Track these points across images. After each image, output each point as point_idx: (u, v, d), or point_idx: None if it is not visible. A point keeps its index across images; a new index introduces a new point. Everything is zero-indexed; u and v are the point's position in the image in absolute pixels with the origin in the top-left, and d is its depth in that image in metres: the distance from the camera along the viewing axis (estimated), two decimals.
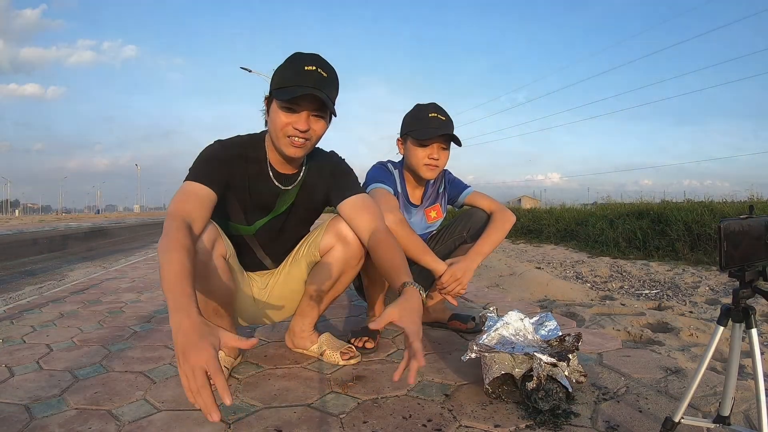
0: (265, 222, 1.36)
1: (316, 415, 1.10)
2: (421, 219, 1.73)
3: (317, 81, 1.16)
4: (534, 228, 8.85)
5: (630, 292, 3.39)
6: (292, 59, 1.19)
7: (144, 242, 8.55)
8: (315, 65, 1.16)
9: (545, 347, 1.25)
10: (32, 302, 2.58)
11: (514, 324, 1.31)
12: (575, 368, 1.19)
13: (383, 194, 1.52)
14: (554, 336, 1.28)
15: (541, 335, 1.31)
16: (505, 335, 1.28)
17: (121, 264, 4.66)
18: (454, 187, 1.78)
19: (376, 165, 1.67)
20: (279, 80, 1.17)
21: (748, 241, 0.73)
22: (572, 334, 1.24)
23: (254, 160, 1.29)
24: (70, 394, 1.24)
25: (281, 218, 1.37)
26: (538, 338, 1.29)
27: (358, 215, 1.30)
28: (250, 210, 1.32)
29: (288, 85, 1.15)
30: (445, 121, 1.55)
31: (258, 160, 1.30)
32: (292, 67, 1.17)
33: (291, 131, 1.18)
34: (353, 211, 1.31)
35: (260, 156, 1.30)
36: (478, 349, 1.19)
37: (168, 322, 0.82)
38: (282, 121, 1.17)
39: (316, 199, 1.39)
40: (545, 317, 1.38)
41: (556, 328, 1.33)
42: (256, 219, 1.34)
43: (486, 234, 1.59)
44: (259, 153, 1.30)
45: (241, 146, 1.28)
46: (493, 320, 1.32)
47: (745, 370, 1.57)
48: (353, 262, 1.37)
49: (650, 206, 6.91)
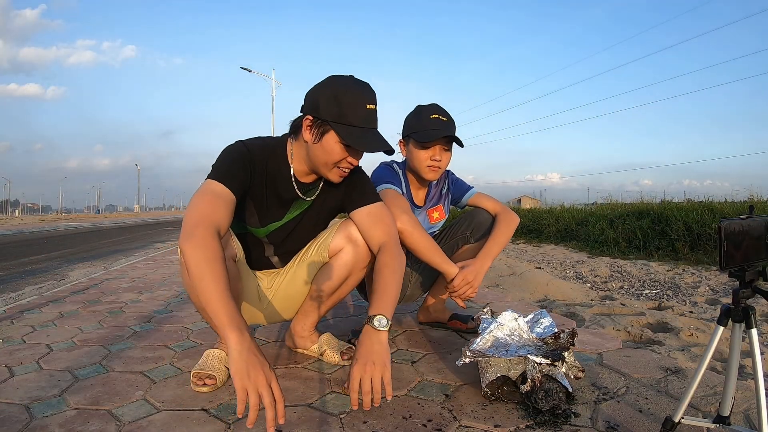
0: (277, 226, 1.35)
1: (316, 415, 1.10)
2: (424, 220, 1.73)
3: (376, 120, 1.21)
4: (534, 228, 8.85)
5: (630, 292, 3.40)
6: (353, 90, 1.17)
7: (144, 242, 8.55)
8: (374, 103, 1.19)
9: (540, 345, 1.25)
10: (32, 302, 2.58)
11: (509, 324, 1.31)
12: (572, 364, 1.19)
13: (394, 195, 1.52)
14: (549, 333, 1.28)
15: (537, 333, 1.31)
16: (500, 336, 1.27)
17: (121, 264, 4.67)
18: (458, 187, 1.78)
19: (382, 165, 1.67)
20: (339, 113, 1.16)
21: (748, 241, 0.73)
22: (566, 331, 1.25)
23: (276, 167, 1.28)
24: (70, 394, 1.24)
25: (294, 222, 1.37)
26: (533, 337, 1.29)
27: (373, 226, 1.31)
28: (264, 213, 1.32)
29: (351, 124, 1.16)
30: (447, 122, 1.55)
31: (280, 168, 1.29)
32: (355, 101, 1.16)
33: (344, 164, 1.22)
34: (368, 221, 1.32)
35: (282, 165, 1.29)
36: (471, 355, 1.18)
37: (168, 322, 0.83)
38: (339, 155, 1.19)
39: (331, 205, 1.40)
40: (540, 314, 1.37)
41: (551, 325, 1.32)
42: (269, 222, 1.34)
43: (493, 236, 1.59)
44: (282, 161, 1.29)
45: (265, 152, 1.27)
46: (488, 322, 1.32)
47: (745, 370, 1.58)
48: (361, 265, 1.37)
49: (650, 206, 6.91)
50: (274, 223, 1.34)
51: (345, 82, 1.19)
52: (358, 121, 1.16)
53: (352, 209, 1.34)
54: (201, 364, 1.31)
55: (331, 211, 1.42)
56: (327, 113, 1.16)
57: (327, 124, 1.17)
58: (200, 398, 1.20)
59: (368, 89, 1.20)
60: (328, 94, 1.17)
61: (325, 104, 1.16)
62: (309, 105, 1.20)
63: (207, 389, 1.24)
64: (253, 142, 1.27)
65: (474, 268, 1.49)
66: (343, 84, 1.18)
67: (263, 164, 1.26)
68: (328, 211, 1.41)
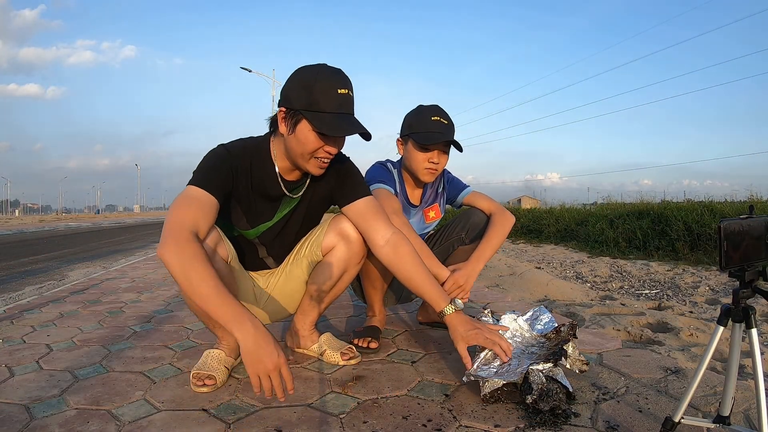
0: (267, 227, 1.35)
1: (316, 415, 1.10)
2: (420, 219, 1.72)
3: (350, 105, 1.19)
4: (534, 228, 8.85)
5: (630, 292, 3.40)
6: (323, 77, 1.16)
7: (144, 242, 8.55)
8: (346, 88, 1.18)
9: (543, 342, 1.25)
10: (32, 302, 2.58)
11: (510, 326, 1.31)
12: (576, 358, 1.19)
13: (386, 195, 1.50)
14: (550, 329, 1.29)
15: (538, 330, 1.31)
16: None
17: (121, 264, 4.67)
18: (453, 186, 1.77)
19: (376, 164, 1.66)
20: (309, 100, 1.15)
21: (748, 241, 0.73)
22: (566, 324, 1.25)
23: (260, 168, 1.27)
24: (70, 394, 1.24)
25: (283, 221, 1.37)
26: (535, 334, 1.29)
27: (372, 221, 1.31)
28: (252, 215, 1.31)
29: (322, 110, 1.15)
30: (447, 125, 1.54)
31: (264, 168, 1.28)
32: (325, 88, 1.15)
33: (322, 153, 1.20)
34: (366, 215, 1.31)
35: (267, 163, 1.28)
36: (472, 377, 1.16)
37: (168, 322, 0.84)
38: (314, 144, 1.18)
39: (320, 200, 1.39)
40: (538, 311, 1.37)
41: (551, 321, 1.33)
42: (258, 223, 1.34)
43: (486, 238, 1.57)
44: (265, 160, 1.28)
45: (247, 153, 1.26)
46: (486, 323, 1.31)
47: (745, 370, 1.58)
48: (355, 260, 1.37)
49: (650, 206, 6.90)
50: (264, 224, 1.34)
51: (315, 69, 1.18)
52: (330, 107, 1.15)
53: (345, 203, 1.34)
54: (201, 364, 1.31)
55: (321, 206, 1.41)
56: (298, 102, 1.16)
57: (299, 114, 1.16)
58: (200, 398, 1.20)
59: (340, 75, 1.18)
60: (298, 84, 1.17)
61: (296, 94, 1.16)
62: (282, 97, 1.20)
63: (207, 389, 1.24)
64: (233, 144, 1.27)
65: (465, 272, 1.48)
66: (313, 72, 1.17)
67: (246, 165, 1.25)
68: (317, 206, 1.40)
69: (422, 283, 1.27)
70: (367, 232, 1.31)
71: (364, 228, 1.32)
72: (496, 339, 1.20)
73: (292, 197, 1.34)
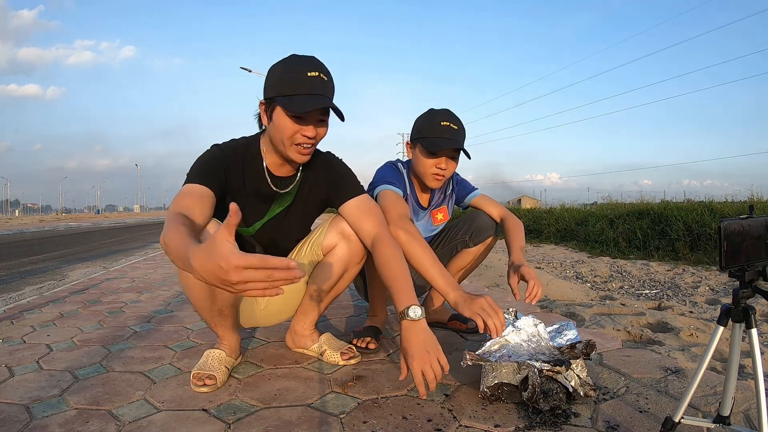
0: (262, 224, 1.36)
1: (316, 415, 1.10)
2: (428, 221, 1.71)
3: (322, 87, 1.17)
4: (534, 228, 8.85)
5: (630, 292, 3.40)
6: (292, 63, 1.19)
7: (144, 242, 8.55)
8: (317, 71, 1.18)
9: (556, 354, 1.19)
10: (32, 302, 2.58)
11: (527, 330, 1.25)
12: (584, 381, 1.14)
13: (393, 199, 1.45)
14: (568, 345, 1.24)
15: (557, 344, 1.25)
16: (513, 341, 1.22)
17: (121, 264, 4.67)
18: (462, 187, 1.77)
19: (387, 164, 1.64)
20: (281, 87, 1.17)
21: (748, 241, 0.73)
22: (584, 342, 1.21)
23: (251, 164, 1.30)
24: (70, 394, 1.24)
25: (279, 219, 1.37)
26: (551, 345, 1.23)
27: (362, 219, 1.31)
28: (247, 212, 1.32)
29: (293, 93, 1.15)
30: (457, 131, 1.51)
31: (254, 164, 1.30)
32: (294, 73, 1.17)
33: (300, 138, 1.20)
34: (356, 214, 1.32)
35: (256, 160, 1.31)
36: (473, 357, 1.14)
37: (168, 322, 0.83)
38: (290, 129, 1.18)
39: (315, 200, 1.40)
40: (566, 326, 1.31)
41: (575, 338, 1.26)
42: (254, 221, 1.35)
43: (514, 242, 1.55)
44: (255, 157, 1.31)
45: (238, 150, 1.29)
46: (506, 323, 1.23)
47: (745, 370, 1.57)
48: (356, 259, 1.38)
49: (650, 206, 6.90)
50: (258, 222, 1.35)
51: (286, 59, 1.21)
52: (301, 89, 1.16)
53: (340, 203, 1.35)
54: (201, 364, 1.31)
55: (317, 206, 1.42)
56: (272, 91, 1.19)
57: (274, 101, 1.19)
58: (200, 398, 1.20)
59: (310, 60, 1.20)
60: (272, 75, 1.20)
61: (270, 83, 1.20)
62: (263, 93, 1.23)
63: (207, 389, 1.24)
64: (226, 143, 1.30)
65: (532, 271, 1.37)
66: (283, 61, 1.21)
67: (238, 163, 1.28)
68: (313, 206, 1.41)
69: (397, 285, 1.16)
70: (357, 233, 1.33)
71: (356, 228, 1.33)
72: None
73: (281, 192, 1.35)
